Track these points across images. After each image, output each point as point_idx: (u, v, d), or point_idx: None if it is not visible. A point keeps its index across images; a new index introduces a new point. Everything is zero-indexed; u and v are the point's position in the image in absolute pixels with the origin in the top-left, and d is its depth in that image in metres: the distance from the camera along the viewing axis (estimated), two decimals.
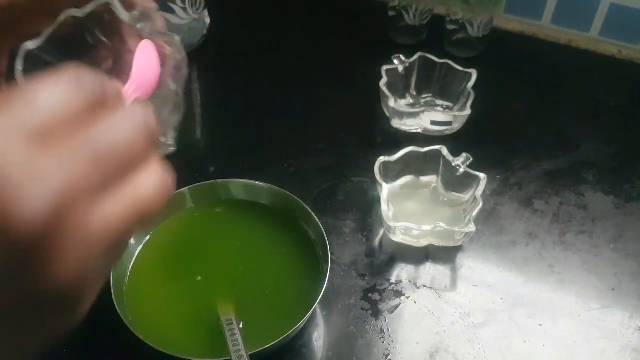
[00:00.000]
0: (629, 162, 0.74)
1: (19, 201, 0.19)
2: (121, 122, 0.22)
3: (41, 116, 0.20)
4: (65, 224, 0.20)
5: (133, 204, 0.22)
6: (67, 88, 0.21)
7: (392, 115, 0.75)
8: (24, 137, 0.19)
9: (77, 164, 0.20)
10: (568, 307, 0.60)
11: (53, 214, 0.19)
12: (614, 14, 0.87)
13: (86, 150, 0.21)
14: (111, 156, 0.21)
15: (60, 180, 0.19)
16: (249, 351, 0.48)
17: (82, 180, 0.20)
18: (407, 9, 0.85)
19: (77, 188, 0.20)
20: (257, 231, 0.61)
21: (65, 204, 0.20)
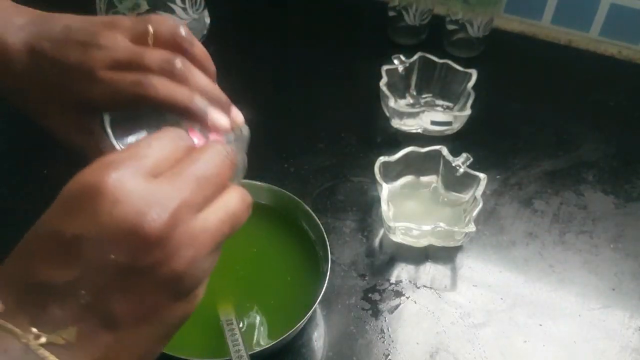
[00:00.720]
0: (629, 162, 0.74)
1: (147, 215, 0.27)
2: (211, 156, 0.30)
3: (154, 158, 0.29)
4: (178, 231, 0.28)
5: (225, 215, 0.30)
6: (170, 140, 0.30)
7: (392, 115, 0.75)
8: (143, 173, 0.28)
9: (182, 188, 0.28)
10: (568, 307, 0.60)
11: (171, 220, 0.27)
12: (614, 14, 0.87)
13: (188, 178, 0.29)
14: (206, 180, 0.29)
15: (172, 199, 0.28)
16: (249, 351, 0.48)
17: (187, 199, 0.28)
18: (407, 9, 0.85)
19: (184, 205, 0.28)
20: (257, 231, 0.61)
21: (177, 217, 0.28)
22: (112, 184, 0.27)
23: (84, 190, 0.27)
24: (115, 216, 0.26)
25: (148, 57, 0.38)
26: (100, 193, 0.27)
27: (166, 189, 0.28)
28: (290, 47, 0.90)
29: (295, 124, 0.77)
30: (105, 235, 0.27)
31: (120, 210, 0.27)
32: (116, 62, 0.38)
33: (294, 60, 0.88)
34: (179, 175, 0.29)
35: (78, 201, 0.27)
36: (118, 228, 0.27)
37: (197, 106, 0.38)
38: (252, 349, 0.48)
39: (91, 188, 0.27)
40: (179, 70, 0.38)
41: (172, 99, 0.37)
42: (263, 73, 0.85)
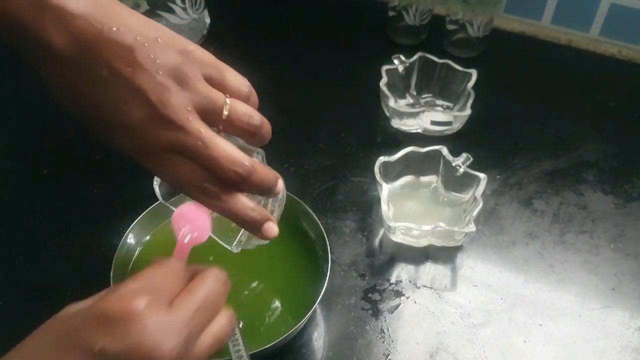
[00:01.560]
0: (629, 162, 0.74)
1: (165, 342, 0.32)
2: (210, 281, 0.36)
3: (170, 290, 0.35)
4: (187, 355, 0.33)
5: (215, 339, 0.36)
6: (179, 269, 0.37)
7: (392, 115, 0.75)
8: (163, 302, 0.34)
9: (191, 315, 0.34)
10: (568, 307, 0.60)
11: (182, 350, 0.33)
12: (614, 14, 0.88)
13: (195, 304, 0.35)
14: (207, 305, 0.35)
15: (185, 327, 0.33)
16: (249, 351, 0.48)
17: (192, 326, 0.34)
18: (407, 9, 0.85)
19: (190, 332, 0.33)
20: None
21: (187, 342, 0.33)
22: (142, 312, 0.32)
23: (118, 313, 0.32)
24: (141, 342, 0.31)
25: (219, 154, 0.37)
26: (132, 319, 0.32)
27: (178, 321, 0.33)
28: (290, 47, 0.90)
29: (295, 124, 0.77)
30: (128, 356, 0.31)
31: (145, 337, 0.32)
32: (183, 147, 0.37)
33: (294, 60, 0.88)
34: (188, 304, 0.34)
35: (112, 320, 0.32)
36: (141, 352, 0.31)
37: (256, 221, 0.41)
38: (252, 349, 0.48)
39: (125, 312, 0.32)
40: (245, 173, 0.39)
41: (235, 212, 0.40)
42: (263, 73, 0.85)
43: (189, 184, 0.38)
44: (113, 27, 0.36)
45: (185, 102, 0.37)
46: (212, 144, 0.37)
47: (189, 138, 0.37)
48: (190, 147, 0.37)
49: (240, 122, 0.40)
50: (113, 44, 0.36)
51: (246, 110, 0.40)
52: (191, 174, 0.38)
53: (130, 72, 0.36)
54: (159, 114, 0.36)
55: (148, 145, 0.37)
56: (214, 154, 0.37)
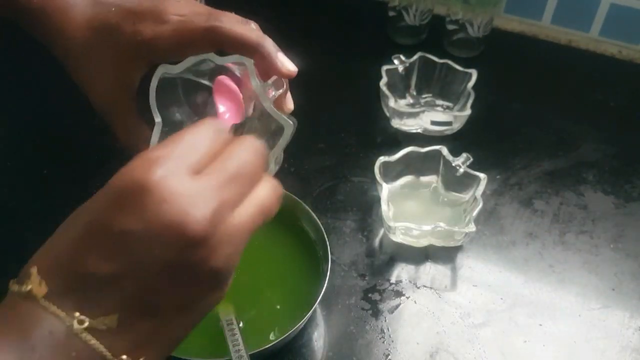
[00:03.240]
0: (629, 162, 0.74)
1: (190, 213, 0.28)
2: (245, 151, 0.32)
3: (196, 155, 0.30)
4: (219, 225, 0.29)
5: (259, 207, 0.32)
6: (210, 134, 0.31)
7: (392, 115, 0.75)
8: (187, 170, 0.29)
9: (221, 186, 0.29)
10: (568, 307, 0.60)
11: (213, 219, 0.28)
12: (614, 14, 0.87)
13: (226, 175, 0.30)
14: (242, 177, 0.31)
15: (214, 199, 0.29)
16: (249, 351, 0.48)
17: (225, 197, 0.29)
18: (407, 9, 0.85)
19: (223, 203, 0.29)
20: (257, 231, 0.61)
21: (217, 216, 0.29)
22: (159, 182, 0.28)
23: (132, 187, 0.28)
24: (162, 215, 0.28)
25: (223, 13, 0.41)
26: (148, 191, 0.28)
27: (207, 188, 0.29)
28: (290, 47, 0.90)
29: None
30: (152, 232, 0.28)
31: (166, 209, 0.28)
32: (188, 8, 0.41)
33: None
34: (217, 172, 0.30)
35: (126, 197, 0.28)
36: (164, 226, 0.28)
37: (269, 46, 0.41)
38: (252, 349, 0.48)
39: (139, 185, 0.28)
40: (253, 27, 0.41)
41: (245, 36, 0.40)
42: None
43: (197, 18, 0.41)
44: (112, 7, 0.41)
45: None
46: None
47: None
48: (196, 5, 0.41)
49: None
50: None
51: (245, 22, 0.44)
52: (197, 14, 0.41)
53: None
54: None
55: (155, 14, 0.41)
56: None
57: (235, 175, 0.30)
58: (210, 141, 0.31)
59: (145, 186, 0.28)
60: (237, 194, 0.30)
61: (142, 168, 0.29)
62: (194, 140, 0.31)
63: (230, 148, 0.32)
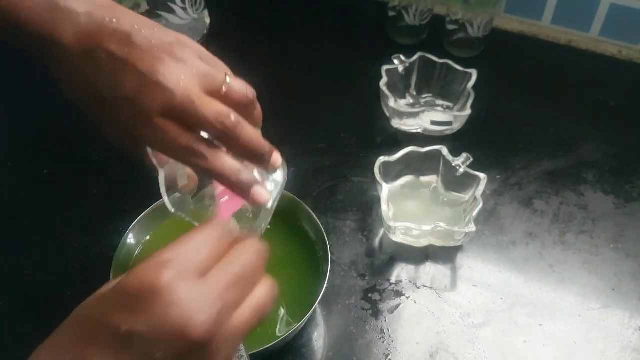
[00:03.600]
0: (629, 162, 0.74)
1: (194, 317, 0.29)
2: (247, 253, 0.33)
3: (202, 257, 0.32)
4: (220, 329, 0.30)
5: (256, 308, 0.33)
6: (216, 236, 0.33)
7: (392, 115, 0.75)
8: (193, 273, 0.31)
9: (224, 290, 0.31)
10: (568, 307, 0.60)
11: (215, 323, 0.30)
12: (614, 14, 0.87)
13: (229, 279, 0.31)
14: (244, 277, 0.32)
15: (218, 299, 0.30)
16: (249, 351, 0.48)
17: (229, 296, 0.31)
18: (407, 9, 0.85)
19: (227, 303, 0.31)
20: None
21: (221, 315, 0.30)
22: (167, 285, 0.30)
23: (141, 289, 0.30)
24: (169, 317, 0.29)
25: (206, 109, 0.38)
26: (157, 294, 0.29)
27: (212, 291, 0.31)
28: (290, 47, 0.90)
29: (295, 124, 0.77)
30: (157, 334, 0.29)
31: (173, 311, 0.29)
32: (172, 109, 0.38)
33: (293, 60, 0.88)
34: (223, 276, 0.32)
35: (135, 299, 0.30)
36: (169, 329, 0.29)
37: (243, 183, 0.40)
38: (252, 349, 0.48)
39: (149, 287, 0.30)
40: (231, 125, 0.39)
41: (221, 172, 0.40)
42: (263, 73, 0.85)
43: (178, 146, 0.38)
44: (113, 19, 0.40)
45: (178, 72, 0.38)
46: (200, 101, 0.38)
47: (177, 98, 0.38)
48: (178, 106, 0.38)
49: (239, 97, 0.41)
50: (112, 32, 0.39)
51: (242, 84, 0.42)
52: (180, 135, 0.38)
53: (127, 52, 0.38)
54: (151, 81, 0.38)
55: (142, 113, 0.38)
56: (201, 110, 0.38)
57: (239, 278, 0.32)
58: (216, 243, 0.33)
59: (154, 289, 0.29)
60: (238, 296, 0.32)
61: (151, 271, 0.30)
62: (201, 242, 0.33)
63: (234, 250, 0.34)
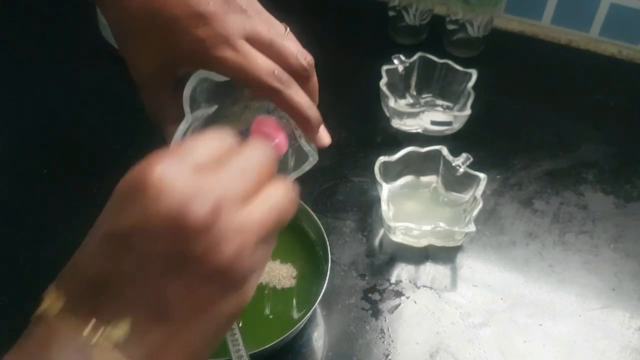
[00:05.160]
0: (629, 162, 0.74)
1: (190, 206, 0.27)
2: (253, 151, 0.32)
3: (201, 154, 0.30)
4: (221, 221, 0.28)
5: (269, 209, 0.31)
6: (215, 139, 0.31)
7: (392, 115, 0.75)
8: (189, 166, 0.29)
9: (225, 180, 0.29)
10: (568, 307, 0.60)
11: (214, 210, 0.28)
12: (614, 14, 0.87)
13: (231, 171, 0.30)
14: (248, 173, 0.30)
15: (215, 191, 0.28)
16: (249, 351, 0.48)
17: (230, 190, 0.29)
18: (407, 9, 0.85)
19: (227, 196, 0.29)
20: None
21: (220, 207, 0.28)
22: (156, 176, 0.28)
23: (131, 186, 0.28)
24: (160, 207, 0.27)
25: (287, 45, 0.42)
26: (146, 186, 0.28)
27: (209, 181, 0.29)
28: None
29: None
30: (152, 226, 0.28)
31: (163, 201, 0.27)
32: (258, 35, 0.41)
33: None
34: (222, 169, 0.30)
35: (126, 197, 0.29)
36: (163, 219, 0.27)
37: (315, 122, 0.43)
38: (252, 349, 0.48)
39: (138, 183, 0.28)
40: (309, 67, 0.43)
41: (301, 111, 0.42)
42: None
43: (263, 69, 0.40)
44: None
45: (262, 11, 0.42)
46: (281, 37, 0.41)
47: (262, 27, 0.40)
48: (263, 35, 0.40)
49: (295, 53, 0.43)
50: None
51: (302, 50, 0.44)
52: (264, 60, 0.40)
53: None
54: (235, 4, 0.40)
55: (226, 32, 0.39)
56: (285, 43, 0.41)
57: (242, 172, 0.30)
58: (218, 143, 0.31)
59: (143, 182, 0.28)
60: (243, 189, 0.30)
61: (142, 167, 0.29)
62: (202, 141, 0.31)
63: (237, 149, 0.32)
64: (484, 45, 0.86)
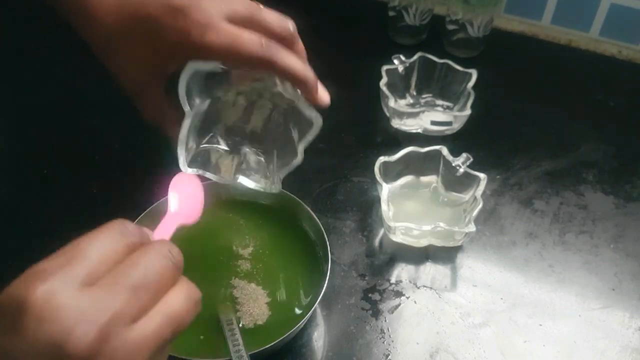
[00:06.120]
0: (629, 162, 0.74)
1: (73, 333, 0.25)
2: (152, 259, 0.29)
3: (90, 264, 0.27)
4: (110, 342, 0.26)
5: (167, 318, 0.29)
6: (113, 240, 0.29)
7: (392, 115, 0.75)
8: (77, 285, 0.27)
9: (117, 298, 0.27)
10: (568, 307, 0.60)
11: (100, 336, 0.26)
12: (614, 14, 0.88)
13: (124, 286, 0.27)
14: (144, 286, 0.28)
15: (103, 313, 0.26)
16: (249, 351, 0.48)
17: (121, 309, 0.27)
18: (407, 9, 0.85)
19: (117, 317, 0.26)
20: (257, 231, 0.61)
21: (108, 330, 0.26)
22: (38, 299, 0.26)
23: (11, 305, 0.26)
24: (41, 335, 0.25)
25: (267, 16, 0.43)
26: (26, 310, 0.26)
27: (98, 301, 0.27)
28: None
29: None
30: (33, 354, 0.26)
31: (45, 329, 0.25)
32: (237, 13, 0.42)
33: None
34: (115, 284, 0.27)
35: (5, 316, 0.26)
36: (43, 348, 0.25)
37: (312, 81, 0.44)
38: (252, 349, 0.48)
39: (18, 303, 0.26)
40: (291, 34, 0.44)
41: (295, 73, 0.43)
42: None
43: (250, 43, 0.41)
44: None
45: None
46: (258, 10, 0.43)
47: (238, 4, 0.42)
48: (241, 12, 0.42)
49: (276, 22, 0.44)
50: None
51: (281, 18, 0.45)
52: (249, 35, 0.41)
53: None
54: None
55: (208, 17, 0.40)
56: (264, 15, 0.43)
57: (137, 286, 0.28)
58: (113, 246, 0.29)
59: (23, 303, 0.26)
60: (137, 305, 0.28)
61: (23, 284, 0.26)
62: (90, 247, 0.28)
63: (135, 255, 0.29)
64: (484, 45, 0.86)
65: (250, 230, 0.61)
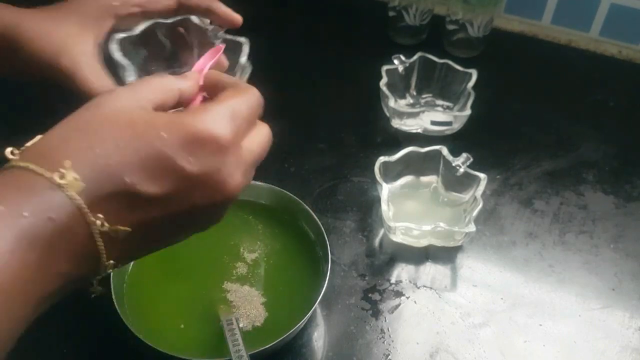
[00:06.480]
0: (629, 162, 0.74)
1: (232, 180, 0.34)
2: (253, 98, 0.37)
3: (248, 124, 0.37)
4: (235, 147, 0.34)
5: (261, 138, 0.38)
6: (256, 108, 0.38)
7: (392, 115, 0.75)
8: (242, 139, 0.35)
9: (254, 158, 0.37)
10: (568, 307, 0.60)
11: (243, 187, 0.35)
12: (614, 14, 0.88)
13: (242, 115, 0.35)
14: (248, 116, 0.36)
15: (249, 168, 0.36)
16: (249, 351, 0.48)
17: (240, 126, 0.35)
18: (407, 9, 0.85)
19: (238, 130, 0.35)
20: (257, 231, 0.61)
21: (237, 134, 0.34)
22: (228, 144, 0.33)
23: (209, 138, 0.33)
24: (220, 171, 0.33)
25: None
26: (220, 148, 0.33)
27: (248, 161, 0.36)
28: (290, 47, 0.90)
29: (295, 124, 0.77)
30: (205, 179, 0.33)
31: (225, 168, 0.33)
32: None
33: (294, 60, 0.88)
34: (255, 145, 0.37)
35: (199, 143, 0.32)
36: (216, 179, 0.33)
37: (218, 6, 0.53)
38: (252, 349, 0.48)
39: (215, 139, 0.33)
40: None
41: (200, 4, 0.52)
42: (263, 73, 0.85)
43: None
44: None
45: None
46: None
47: None
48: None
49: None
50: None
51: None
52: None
53: None
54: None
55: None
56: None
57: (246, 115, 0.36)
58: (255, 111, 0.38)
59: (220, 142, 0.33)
60: (246, 125, 0.36)
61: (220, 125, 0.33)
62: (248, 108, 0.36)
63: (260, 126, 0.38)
64: (484, 45, 0.86)
65: (250, 230, 0.61)
